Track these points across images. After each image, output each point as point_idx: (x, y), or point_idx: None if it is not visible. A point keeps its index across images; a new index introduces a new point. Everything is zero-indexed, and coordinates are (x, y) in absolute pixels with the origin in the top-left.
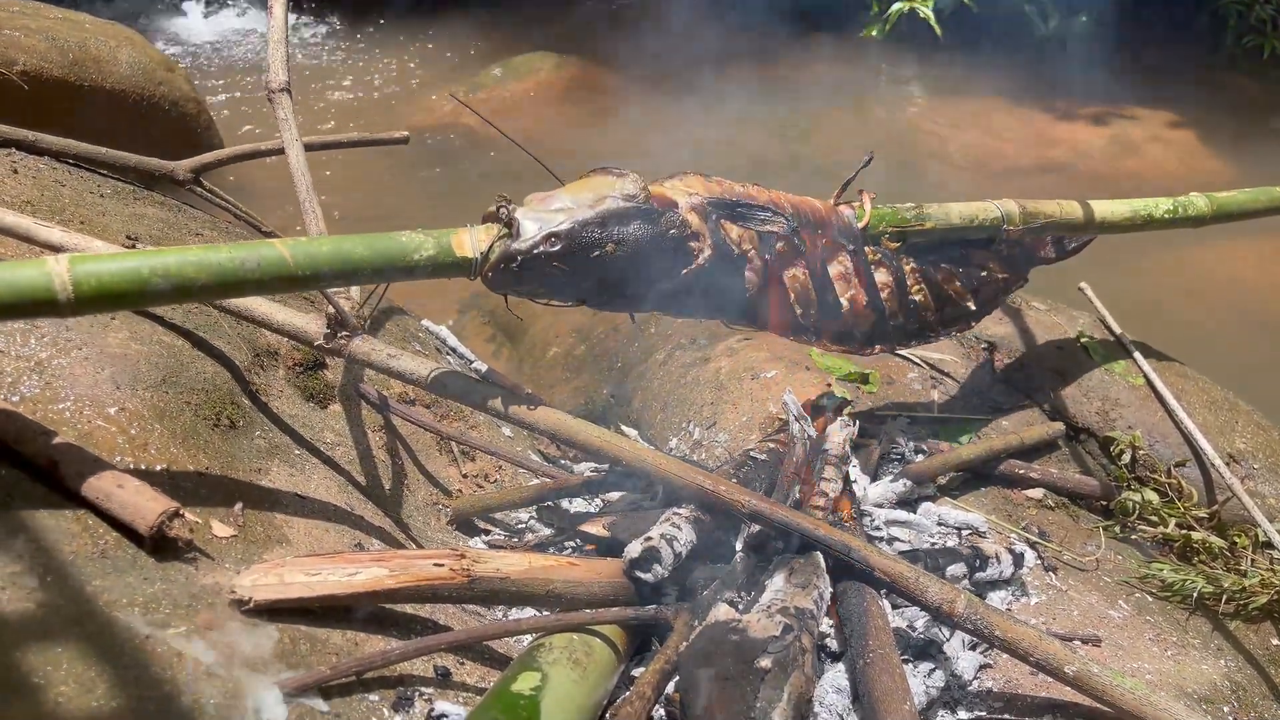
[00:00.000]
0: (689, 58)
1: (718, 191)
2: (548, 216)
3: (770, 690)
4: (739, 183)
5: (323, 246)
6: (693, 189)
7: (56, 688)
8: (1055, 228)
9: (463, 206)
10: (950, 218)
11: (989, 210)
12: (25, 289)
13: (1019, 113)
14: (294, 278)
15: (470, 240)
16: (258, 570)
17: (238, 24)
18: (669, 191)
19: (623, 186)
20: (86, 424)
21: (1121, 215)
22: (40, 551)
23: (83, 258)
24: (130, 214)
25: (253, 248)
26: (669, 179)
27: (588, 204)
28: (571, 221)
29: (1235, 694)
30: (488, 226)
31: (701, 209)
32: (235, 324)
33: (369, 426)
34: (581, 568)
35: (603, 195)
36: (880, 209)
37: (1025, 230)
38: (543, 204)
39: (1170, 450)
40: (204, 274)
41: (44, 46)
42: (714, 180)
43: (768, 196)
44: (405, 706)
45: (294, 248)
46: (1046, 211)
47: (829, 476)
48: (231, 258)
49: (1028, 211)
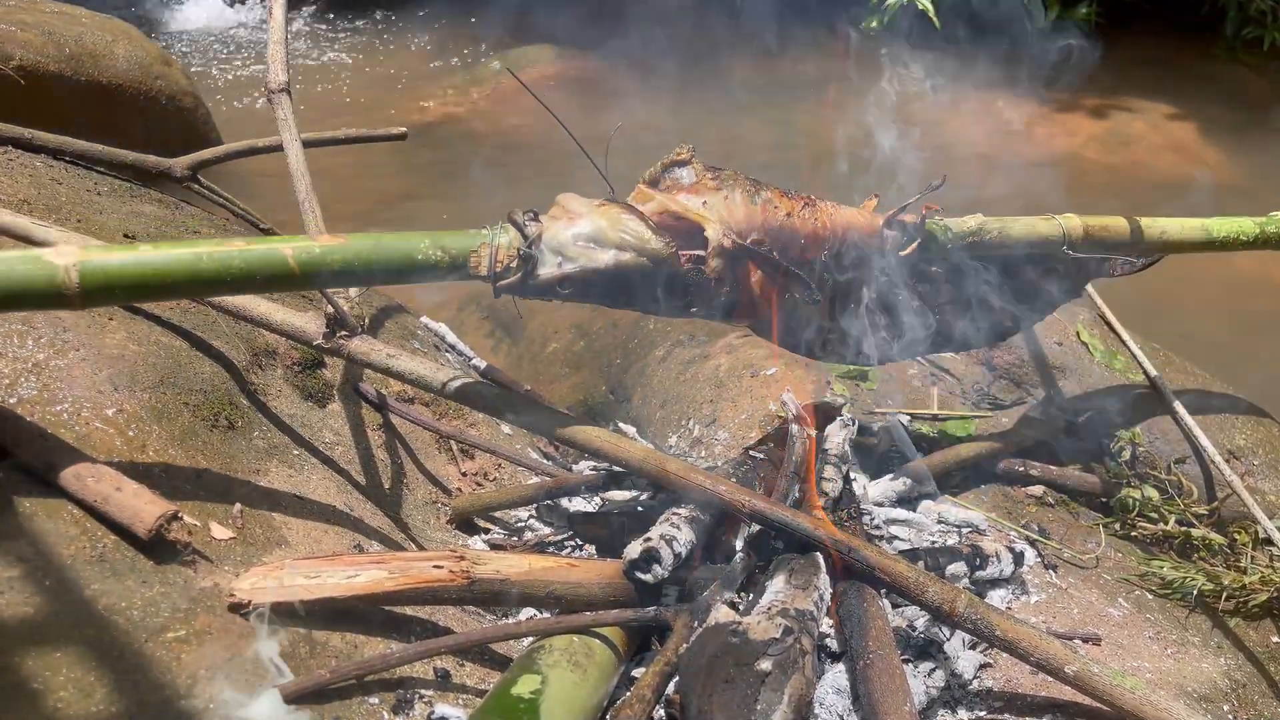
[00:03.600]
0: (688, 49)
1: (758, 221)
2: (570, 250)
3: (770, 693)
4: (783, 198)
5: (332, 254)
6: (733, 213)
7: (55, 692)
8: (1121, 249)
9: (463, 199)
10: (1009, 233)
11: (1051, 228)
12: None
13: (1019, 104)
14: (296, 279)
15: (488, 257)
16: (257, 573)
17: (236, 16)
18: (704, 212)
19: (653, 244)
20: (84, 426)
21: (1196, 236)
22: (39, 555)
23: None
24: (127, 211)
25: (264, 254)
26: (711, 178)
27: (612, 246)
28: (587, 270)
29: (1235, 692)
30: (508, 245)
31: (730, 253)
32: (233, 324)
33: (368, 425)
34: (581, 569)
35: (627, 243)
36: (936, 224)
37: (1088, 248)
38: (569, 226)
39: (1170, 447)
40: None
41: (40, 41)
42: (760, 198)
43: (812, 226)
44: (405, 709)
45: (297, 245)
46: (1114, 229)
47: (829, 476)
48: (243, 258)
49: (1091, 228)
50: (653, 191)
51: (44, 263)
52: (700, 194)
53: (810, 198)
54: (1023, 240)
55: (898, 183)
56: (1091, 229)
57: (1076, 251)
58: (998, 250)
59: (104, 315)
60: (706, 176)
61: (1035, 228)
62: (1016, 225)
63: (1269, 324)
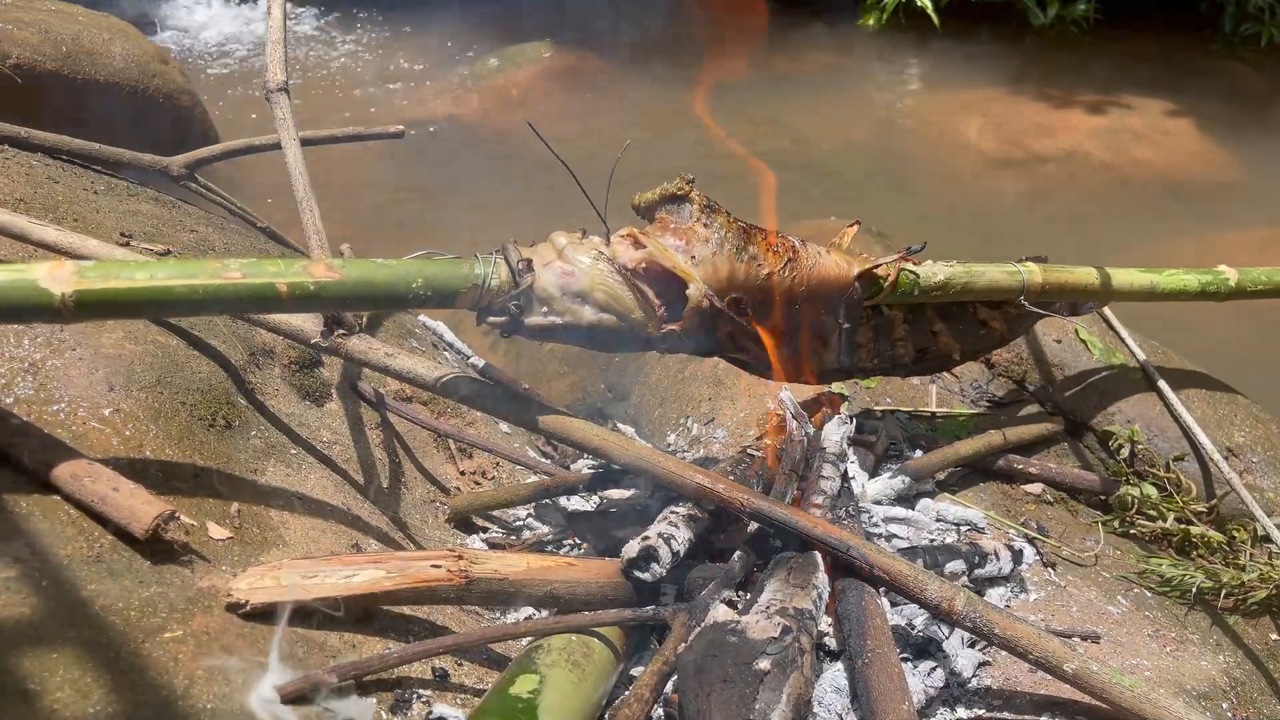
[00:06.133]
0: (687, 46)
1: (740, 279)
2: (557, 304)
3: (769, 692)
4: (770, 252)
5: (326, 289)
6: (718, 270)
7: (52, 693)
8: (1075, 295)
9: (461, 199)
10: (973, 285)
11: (1013, 279)
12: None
13: (1017, 102)
14: (286, 306)
15: (473, 297)
16: (254, 573)
17: (234, 14)
18: (690, 270)
19: (635, 314)
20: (81, 425)
21: (1142, 286)
22: (35, 555)
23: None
24: (124, 210)
25: (258, 287)
26: (704, 223)
27: (597, 307)
28: (570, 325)
29: (1234, 690)
30: (497, 288)
31: (706, 313)
32: (231, 322)
33: (366, 424)
34: (579, 568)
35: (612, 308)
36: (907, 278)
37: (1042, 298)
38: (558, 278)
39: (1169, 444)
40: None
41: (37, 39)
42: (747, 254)
43: (789, 284)
44: (403, 709)
45: (291, 280)
46: (1070, 283)
47: (827, 474)
48: (236, 290)
49: (1049, 282)
50: (643, 236)
51: (39, 290)
52: (690, 242)
53: (795, 250)
54: (985, 290)
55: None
56: (1049, 281)
57: (1030, 302)
58: (960, 298)
59: None
60: (699, 222)
61: (997, 281)
62: (982, 278)
63: (1269, 320)
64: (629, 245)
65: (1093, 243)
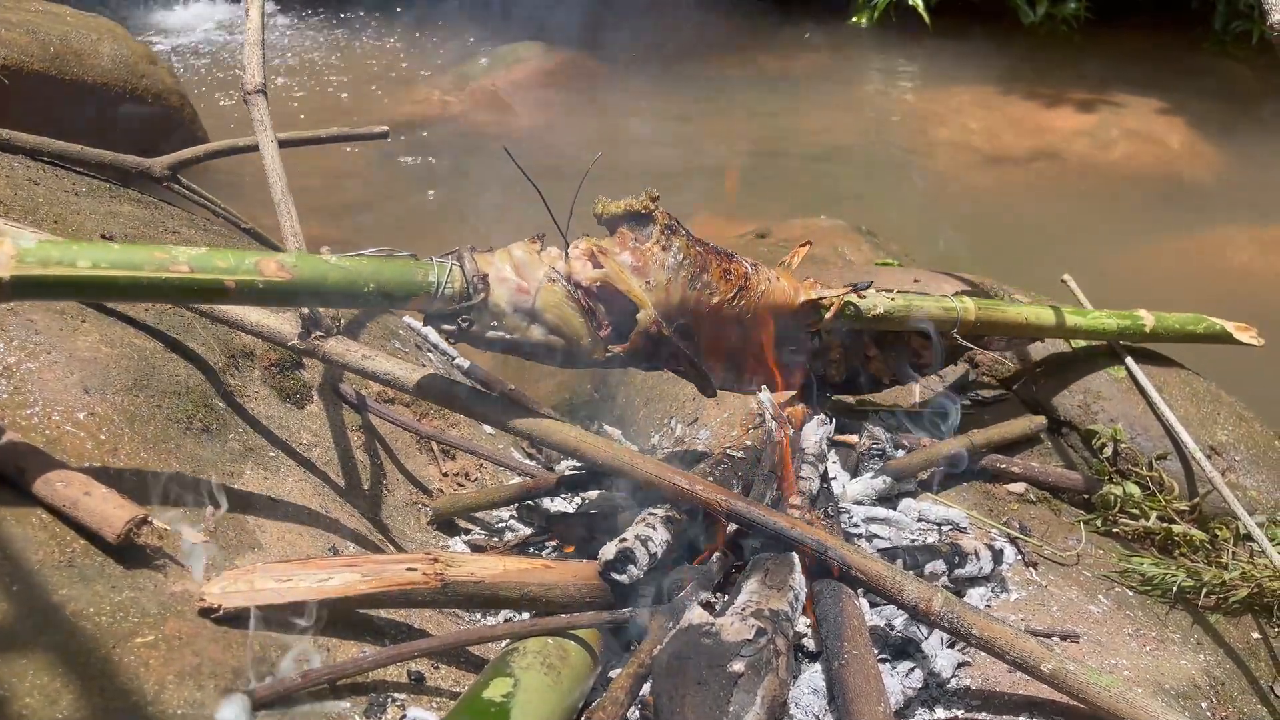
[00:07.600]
0: (678, 45)
1: (691, 305)
2: (507, 320)
3: (743, 694)
4: (723, 279)
5: (273, 289)
6: (670, 295)
7: (21, 699)
8: (1005, 331)
9: (444, 197)
10: (910, 315)
11: (948, 312)
12: None
13: (1008, 100)
14: (232, 298)
15: (424, 303)
16: (228, 577)
17: (223, 13)
18: (643, 295)
19: (585, 341)
20: (55, 429)
21: (1069, 325)
22: (5, 560)
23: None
24: (106, 212)
25: (205, 282)
26: (661, 246)
27: (547, 328)
28: (519, 341)
29: (1214, 689)
30: (451, 295)
31: (653, 336)
32: (209, 325)
33: (348, 426)
34: (557, 570)
35: (561, 330)
36: (850, 309)
37: (974, 331)
38: (511, 295)
39: (1152, 443)
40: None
41: (25, 39)
42: (700, 281)
43: (735, 313)
44: (377, 712)
45: (240, 278)
46: (1001, 320)
47: (806, 474)
48: (183, 284)
49: (982, 319)
50: (601, 254)
51: None
52: (647, 264)
53: (747, 278)
54: (922, 320)
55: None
56: (982, 318)
57: (961, 335)
58: (899, 326)
59: (77, 317)
60: (658, 244)
61: (932, 314)
62: (919, 310)
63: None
64: (586, 262)
65: (1082, 240)
